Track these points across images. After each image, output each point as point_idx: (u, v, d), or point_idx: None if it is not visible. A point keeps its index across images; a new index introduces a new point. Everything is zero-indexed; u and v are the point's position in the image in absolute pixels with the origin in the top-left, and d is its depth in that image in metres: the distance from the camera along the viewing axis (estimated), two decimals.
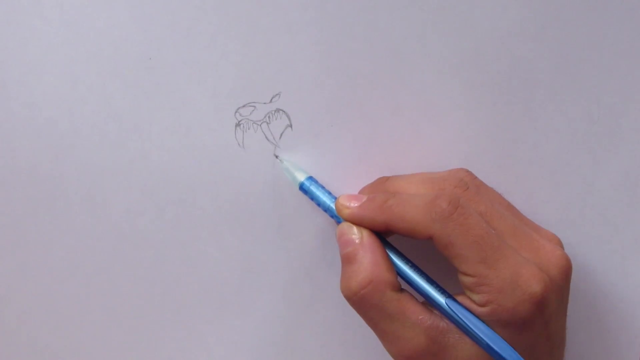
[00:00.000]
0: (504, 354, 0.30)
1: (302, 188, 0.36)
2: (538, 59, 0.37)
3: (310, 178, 0.36)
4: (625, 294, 0.39)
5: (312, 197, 0.35)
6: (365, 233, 0.33)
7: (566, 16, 0.37)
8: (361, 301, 0.32)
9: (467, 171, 0.35)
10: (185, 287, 0.38)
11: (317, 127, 0.37)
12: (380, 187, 0.35)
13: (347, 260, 0.33)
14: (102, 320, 0.38)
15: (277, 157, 0.37)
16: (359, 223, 0.33)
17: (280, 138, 0.37)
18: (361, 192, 0.36)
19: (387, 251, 0.33)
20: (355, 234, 0.33)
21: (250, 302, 0.38)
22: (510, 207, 0.35)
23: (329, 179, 0.37)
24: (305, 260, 0.38)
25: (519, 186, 0.37)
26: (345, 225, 0.34)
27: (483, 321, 0.31)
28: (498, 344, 0.30)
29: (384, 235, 0.34)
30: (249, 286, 0.38)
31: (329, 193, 0.35)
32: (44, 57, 0.36)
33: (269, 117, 0.37)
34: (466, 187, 0.33)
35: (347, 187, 0.37)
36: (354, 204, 0.33)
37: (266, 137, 0.37)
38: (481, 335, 0.30)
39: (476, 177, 0.35)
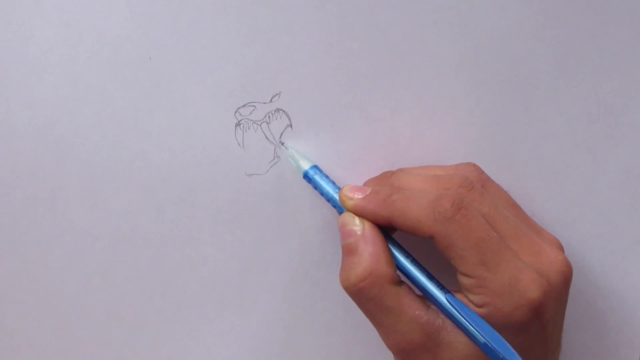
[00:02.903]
0: (502, 352, 0.30)
1: (306, 176, 0.35)
2: (538, 59, 0.37)
3: (315, 167, 0.35)
4: (625, 294, 0.39)
5: (316, 186, 0.35)
6: (367, 225, 0.33)
7: (566, 16, 0.37)
8: (359, 293, 0.32)
9: (475, 167, 0.35)
10: (185, 287, 0.38)
11: (317, 127, 0.37)
12: (385, 180, 0.35)
13: (348, 251, 0.33)
14: (102, 320, 0.38)
15: (282, 144, 0.36)
16: (361, 215, 0.33)
17: (280, 138, 0.37)
18: (366, 184, 0.36)
19: (389, 245, 0.33)
20: (357, 225, 0.33)
21: (250, 302, 0.38)
22: (515, 207, 0.35)
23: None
24: (305, 260, 0.38)
25: (519, 186, 0.37)
26: (347, 215, 0.33)
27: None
28: (497, 341, 0.30)
29: (387, 229, 0.34)
30: (249, 286, 0.38)
31: (333, 183, 0.35)
32: (44, 57, 0.36)
33: (269, 117, 0.37)
34: (471, 186, 0.32)
35: None
36: (358, 196, 0.33)
37: (266, 137, 0.37)
38: (481, 332, 0.30)
39: (483, 173, 0.35)
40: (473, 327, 0.30)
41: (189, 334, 0.38)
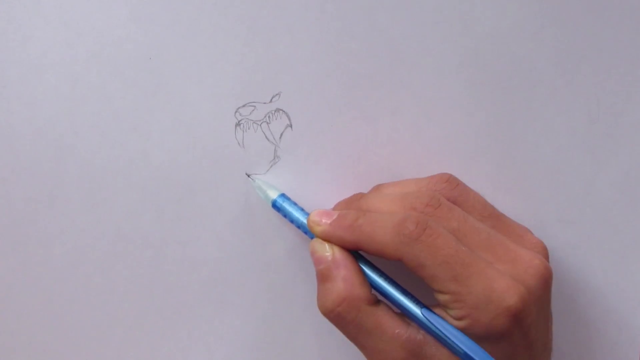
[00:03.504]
0: None
1: (274, 205, 0.36)
2: (538, 59, 0.37)
3: (283, 195, 0.36)
4: (625, 294, 0.39)
5: (285, 215, 0.35)
6: (337, 249, 0.33)
7: (566, 16, 0.37)
8: (337, 318, 0.32)
9: (448, 179, 0.34)
10: (185, 287, 0.38)
11: (317, 127, 0.37)
12: (354, 203, 0.35)
13: (321, 278, 0.33)
14: (102, 320, 0.38)
15: (248, 175, 0.37)
16: (329, 241, 0.33)
17: (280, 138, 0.37)
18: (336, 207, 0.36)
19: (361, 265, 0.33)
20: (327, 251, 0.33)
21: (250, 302, 0.38)
22: (491, 217, 0.34)
23: (329, 179, 0.37)
24: (305, 260, 0.38)
25: (519, 186, 0.37)
26: (316, 242, 0.34)
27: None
28: (476, 352, 0.30)
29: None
30: (249, 286, 0.38)
31: (302, 210, 0.35)
32: (44, 57, 0.36)
33: (269, 117, 0.37)
34: (438, 204, 0.32)
35: (347, 187, 0.37)
36: (326, 221, 0.33)
37: (266, 137, 0.37)
38: (458, 344, 0.30)
39: (458, 185, 0.34)
40: (449, 339, 0.30)
41: (189, 334, 0.38)
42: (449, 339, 0.30)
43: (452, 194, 0.34)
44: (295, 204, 0.35)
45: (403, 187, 0.35)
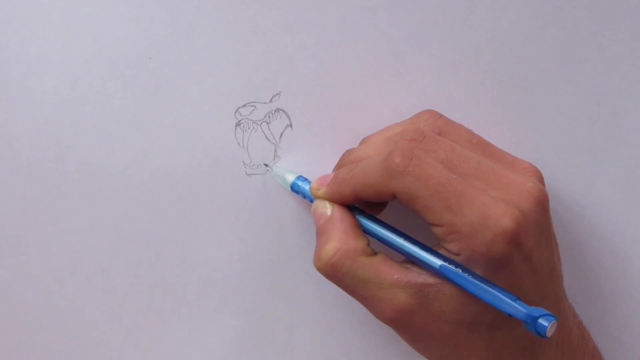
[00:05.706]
0: (507, 297, 0.29)
1: (293, 189, 0.36)
2: (538, 59, 0.37)
3: (300, 177, 0.36)
4: (625, 294, 0.39)
5: (304, 195, 0.35)
6: (336, 207, 0.33)
7: (566, 16, 0.37)
8: (332, 270, 0.32)
9: (431, 113, 0.34)
10: (185, 287, 0.38)
11: (317, 127, 0.37)
12: (346, 161, 0.35)
13: (319, 233, 0.33)
14: (102, 320, 0.38)
15: (266, 165, 0.37)
16: (332, 201, 0.34)
17: (280, 138, 0.37)
18: (333, 171, 0.36)
19: (360, 218, 0.33)
20: (327, 207, 0.33)
21: (250, 302, 0.38)
22: (479, 145, 0.34)
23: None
24: (305, 260, 0.38)
25: None
26: (317, 201, 0.34)
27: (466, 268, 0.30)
28: (482, 281, 0.29)
29: (372, 208, 0.34)
30: (249, 286, 0.38)
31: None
32: (44, 57, 0.36)
33: (269, 116, 0.37)
34: (422, 137, 0.32)
35: None
36: (324, 183, 0.34)
37: (266, 137, 0.37)
38: (468, 278, 0.29)
39: (440, 118, 0.34)
40: (457, 275, 0.30)
41: (189, 334, 0.38)
42: (457, 275, 0.30)
43: (437, 124, 0.34)
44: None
45: (388, 131, 0.35)
